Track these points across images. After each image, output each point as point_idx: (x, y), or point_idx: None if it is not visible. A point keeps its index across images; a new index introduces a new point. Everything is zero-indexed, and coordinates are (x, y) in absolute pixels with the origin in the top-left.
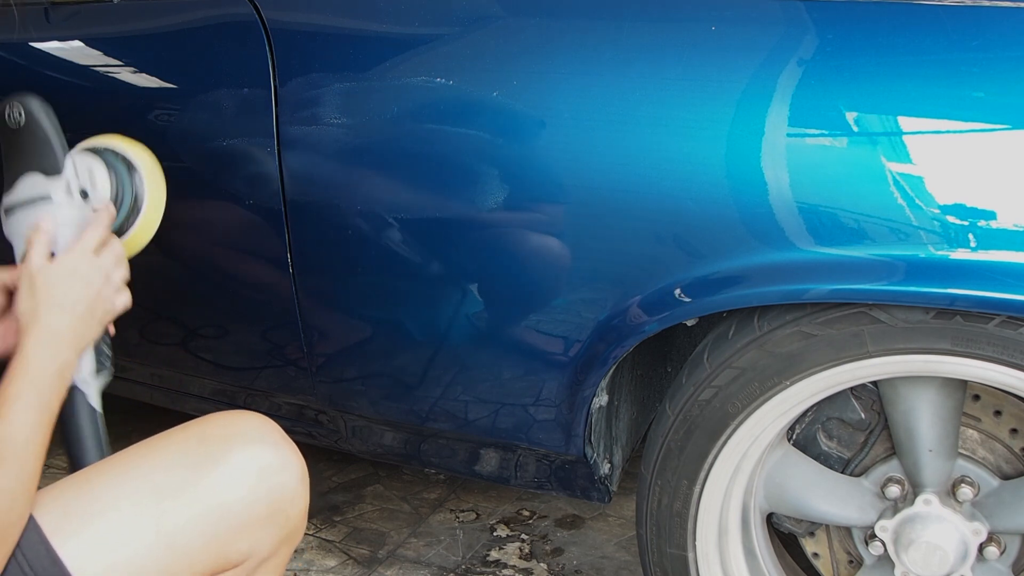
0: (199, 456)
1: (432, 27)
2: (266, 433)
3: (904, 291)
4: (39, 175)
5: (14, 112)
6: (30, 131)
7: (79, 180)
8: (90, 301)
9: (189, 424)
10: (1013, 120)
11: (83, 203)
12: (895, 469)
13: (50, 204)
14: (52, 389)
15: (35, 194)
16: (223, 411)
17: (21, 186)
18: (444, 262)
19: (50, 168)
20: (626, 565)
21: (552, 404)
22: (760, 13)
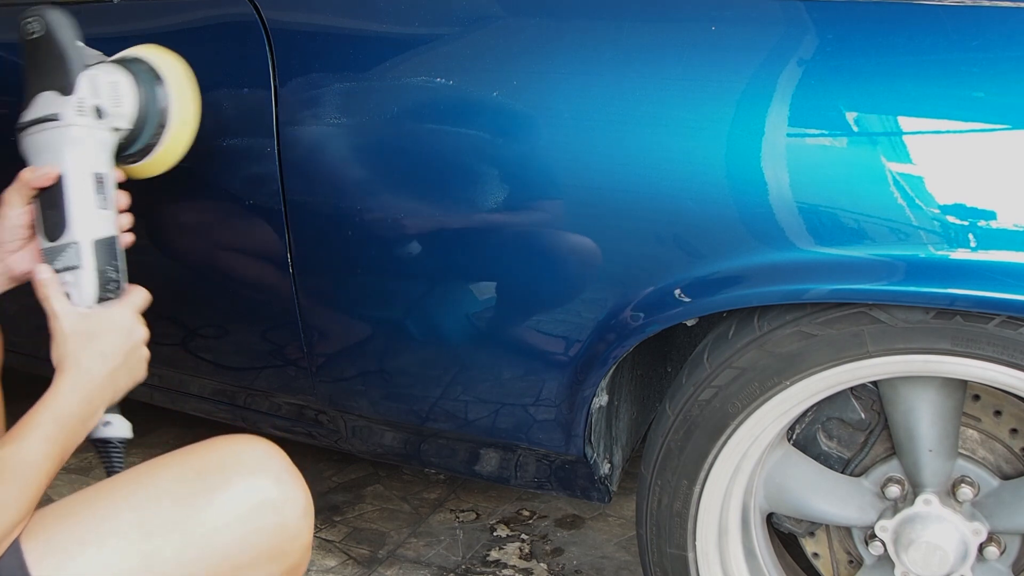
0: (194, 489)
1: (432, 27)
2: (268, 464)
3: (904, 291)
4: (54, 93)
5: (32, 23)
6: (47, 44)
7: (97, 97)
8: (126, 354)
9: (187, 450)
10: (1013, 120)
11: (96, 123)
12: (895, 469)
13: (59, 125)
14: (72, 431)
15: (45, 112)
16: (225, 436)
17: (35, 105)
18: (444, 262)
19: (64, 87)
20: (626, 565)
21: (552, 404)
22: (760, 13)
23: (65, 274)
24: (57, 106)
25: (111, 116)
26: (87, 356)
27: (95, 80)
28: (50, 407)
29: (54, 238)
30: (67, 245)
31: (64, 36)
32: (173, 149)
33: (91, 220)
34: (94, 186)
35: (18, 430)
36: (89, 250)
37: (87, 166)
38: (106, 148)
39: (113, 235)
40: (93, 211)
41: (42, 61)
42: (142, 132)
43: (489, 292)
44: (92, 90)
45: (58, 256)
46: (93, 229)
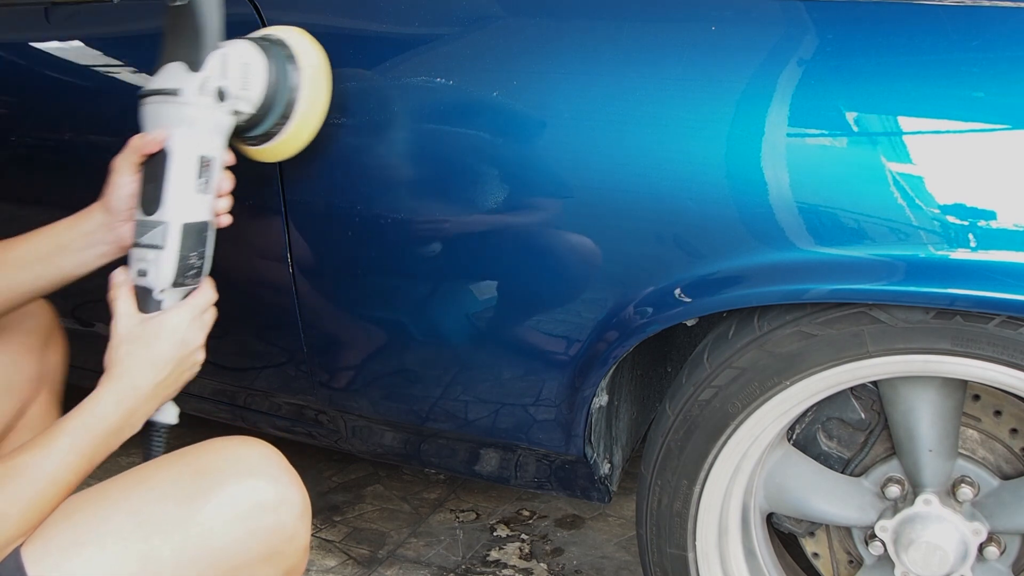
0: (192, 490)
1: (432, 27)
2: (265, 465)
3: (904, 291)
4: (182, 66)
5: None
6: (187, 14)
7: (224, 79)
8: (178, 362)
9: (185, 451)
10: (1013, 120)
11: (215, 104)
12: (895, 469)
13: (177, 100)
14: (104, 443)
15: (167, 85)
16: (223, 438)
17: (161, 74)
18: (444, 262)
19: (193, 61)
20: (626, 565)
21: (552, 404)
22: (760, 13)
23: (147, 251)
24: (181, 80)
25: (234, 98)
26: (136, 365)
27: (226, 59)
28: (84, 415)
29: (148, 212)
30: (157, 223)
31: (206, 9)
32: (293, 141)
33: (186, 202)
34: (197, 168)
35: (46, 436)
36: (176, 233)
37: (195, 147)
38: (220, 131)
39: (206, 221)
40: (190, 194)
41: (179, 30)
42: (265, 118)
43: (489, 292)
44: (221, 70)
45: (146, 231)
46: (186, 212)
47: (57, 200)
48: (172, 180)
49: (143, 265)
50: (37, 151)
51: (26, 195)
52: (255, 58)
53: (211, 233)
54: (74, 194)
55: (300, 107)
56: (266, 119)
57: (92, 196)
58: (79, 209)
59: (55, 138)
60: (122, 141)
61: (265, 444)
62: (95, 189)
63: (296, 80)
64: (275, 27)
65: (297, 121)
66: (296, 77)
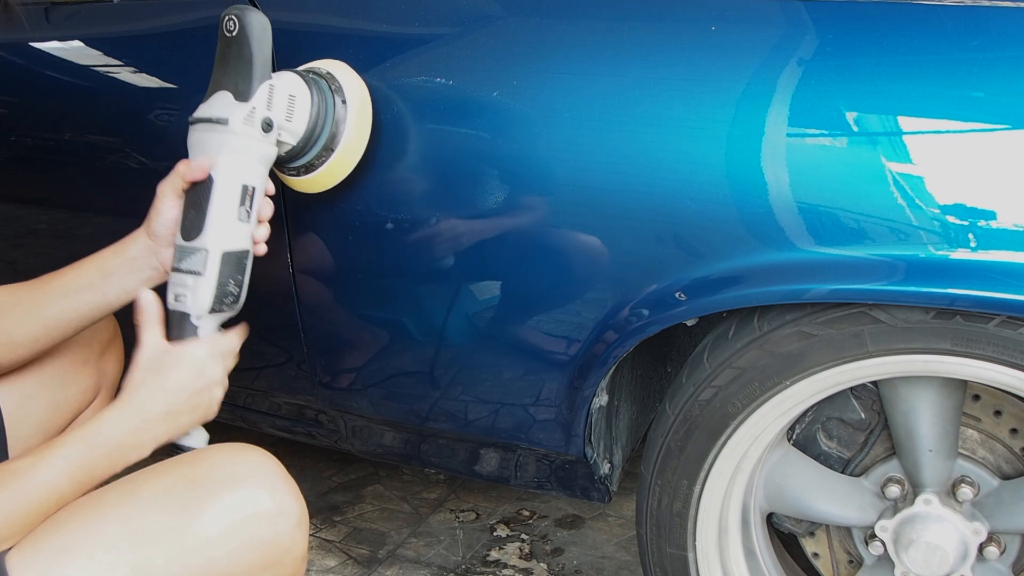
0: (185, 499)
1: (432, 27)
2: (262, 475)
3: (904, 291)
4: (230, 95)
5: (230, 22)
6: (238, 45)
7: (269, 110)
8: (192, 392)
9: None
10: (1013, 120)
11: (260, 135)
12: (895, 469)
13: (223, 129)
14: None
15: (214, 114)
16: (219, 445)
17: (211, 102)
18: (444, 262)
19: (241, 92)
20: (626, 565)
21: (552, 404)
22: (760, 13)
23: (187, 277)
24: (228, 110)
25: (279, 130)
26: (146, 390)
27: (273, 91)
28: (85, 431)
29: (188, 238)
30: (197, 249)
31: (255, 42)
32: (332, 174)
33: (227, 231)
34: (239, 197)
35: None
36: (216, 261)
37: (238, 176)
38: (264, 161)
39: (245, 249)
40: (231, 222)
41: (229, 59)
42: (307, 151)
43: (489, 292)
44: (267, 102)
45: (186, 257)
46: (226, 240)
47: (57, 200)
48: (214, 208)
49: (181, 290)
50: (37, 151)
51: (26, 195)
52: (301, 91)
53: (249, 261)
54: (74, 194)
55: (342, 142)
56: (308, 151)
57: (92, 196)
58: (78, 209)
59: (55, 138)
60: (122, 141)
61: (262, 452)
62: (95, 189)
63: (340, 115)
64: (321, 60)
65: (338, 156)
66: (340, 112)
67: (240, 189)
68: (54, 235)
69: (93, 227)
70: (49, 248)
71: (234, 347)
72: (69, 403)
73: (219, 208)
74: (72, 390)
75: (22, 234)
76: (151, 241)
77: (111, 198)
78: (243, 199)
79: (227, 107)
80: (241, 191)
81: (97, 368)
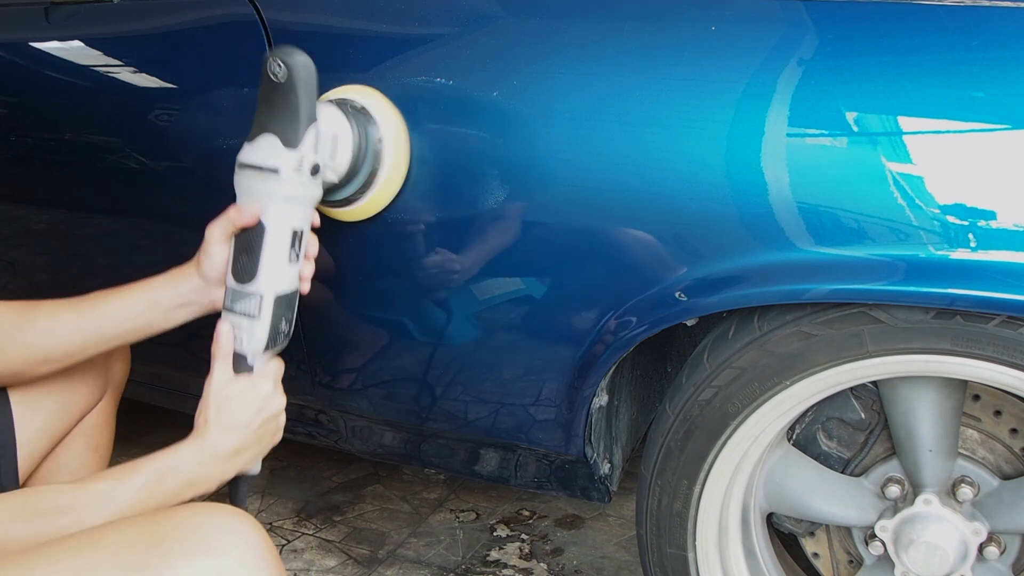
0: (143, 558)
1: (432, 27)
2: (234, 543)
3: (904, 291)
4: (278, 141)
5: (276, 66)
6: (284, 91)
7: (316, 154)
8: (256, 428)
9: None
10: (1013, 120)
11: (310, 180)
12: (895, 469)
13: (274, 178)
14: (175, 492)
15: (266, 163)
16: (195, 504)
17: (259, 146)
18: (444, 262)
19: (289, 139)
20: (626, 565)
21: (552, 404)
22: (760, 13)
23: (242, 319)
24: (279, 159)
25: (325, 170)
26: (220, 428)
27: (319, 135)
28: (162, 462)
29: (241, 282)
30: (251, 294)
31: (302, 88)
32: (373, 206)
33: (279, 275)
34: (290, 242)
35: (119, 470)
36: (270, 304)
37: (289, 223)
38: (312, 204)
39: (295, 289)
40: (284, 266)
41: (276, 104)
42: (347, 185)
43: (488, 292)
44: (314, 146)
45: (240, 300)
46: (279, 284)
47: (57, 200)
48: (267, 254)
49: (237, 332)
50: (37, 151)
51: (26, 195)
52: (344, 129)
53: (296, 300)
54: (74, 194)
55: (381, 175)
56: (349, 185)
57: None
58: (78, 209)
59: (55, 138)
60: (122, 141)
61: (242, 516)
62: (94, 189)
63: (379, 149)
64: (353, 90)
65: (379, 188)
66: (379, 146)
67: (291, 234)
68: (54, 235)
69: (93, 227)
70: (49, 248)
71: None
72: (77, 404)
73: (271, 254)
74: (79, 392)
75: (22, 234)
76: (202, 281)
77: (111, 198)
78: (293, 243)
79: (276, 155)
80: (291, 236)
81: (104, 370)
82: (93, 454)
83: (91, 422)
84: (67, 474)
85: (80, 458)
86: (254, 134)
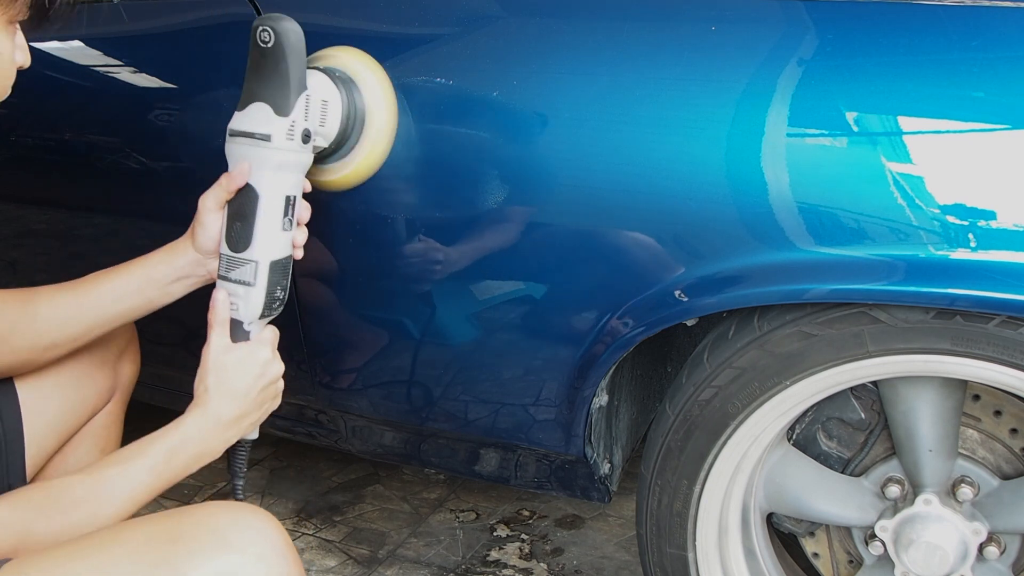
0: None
1: (432, 27)
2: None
3: (904, 291)
4: (268, 108)
5: (264, 32)
6: (273, 58)
7: (307, 120)
8: (255, 394)
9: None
10: (1013, 120)
11: (302, 147)
12: (895, 469)
13: (266, 145)
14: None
15: (257, 131)
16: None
17: (249, 114)
18: (444, 262)
19: (280, 106)
20: (626, 565)
21: (552, 404)
22: (760, 13)
23: (237, 287)
24: (270, 126)
25: (316, 136)
26: (221, 396)
27: (309, 101)
28: (169, 439)
29: (236, 250)
30: (246, 261)
31: (291, 54)
32: (360, 172)
33: (274, 242)
34: (283, 208)
35: (128, 453)
36: (265, 271)
37: (282, 189)
38: (303, 170)
39: (289, 255)
40: (277, 233)
41: (265, 71)
42: (337, 151)
43: (488, 292)
44: (304, 112)
45: (235, 268)
46: (273, 251)
47: (57, 200)
48: (261, 221)
49: (233, 300)
50: (37, 151)
51: (26, 195)
52: (332, 95)
53: (290, 267)
54: (74, 194)
55: (369, 136)
56: (337, 152)
57: (91, 196)
58: (78, 209)
59: (55, 138)
60: (122, 141)
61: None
62: (95, 189)
63: (365, 111)
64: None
65: (365, 151)
66: (365, 108)
67: (284, 200)
68: (54, 235)
69: (93, 227)
70: (49, 248)
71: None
72: (85, 404)
73: (265, 221)
74: (88, 391)
75: (22, 234)
76: (198, 253)
77: (111, 198)
78: (286, 210)
79: (267, 122)
80: (285, 202)
81: (114, 370)
82: (100, 455)
83: (100, 423)
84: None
85: (88, 459)
86: (244, 102)
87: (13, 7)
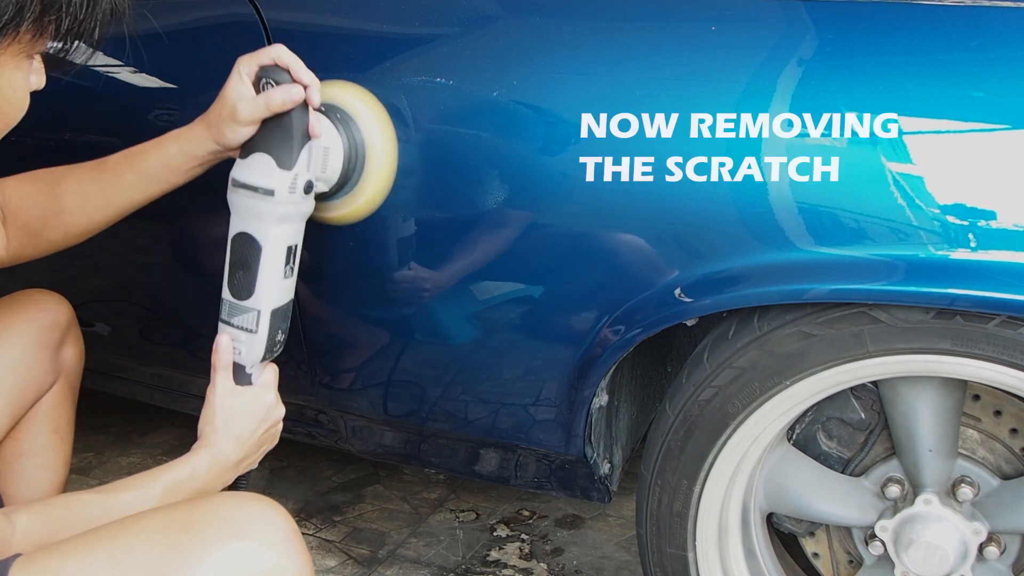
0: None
1: (432, 27)
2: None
3: (904, 291)
4: (272, 161)
5: (267, 86)
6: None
7: (309, 171)
8: (258, 437)
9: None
10: (1013, 120)
11: (303, 198)
12: (895, 469)
13: (271, 200)
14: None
15: (260, 184)
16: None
17: (252, 165)
18: (444, 262)
19: (283, 159)
20: (626, 565)
21: (552, 404)
22: (760, 13)
23: (240, 332)
24: (273, 180)
25: (318, 183)
26: (228, 440)
27: (312, 152)
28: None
29: (239, 298)
30: (249, 309)
31: (297, 112)
32: (363, 209)
33: (275, 291)
34: (285, 258)
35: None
36: (267, 319)
37: (285, 240)
38: (305, 217)
39: (290, 300)
40: (279, 281)
41: (270, 124)
42: (339, 191)
43: (489, 292)
44: (307, 164)
45: (238, 315)
46: (275, 299)
47: None
48: (264, 272)
49: (236, 344)
50: (37, 151)
51: None
52: (334, 141)
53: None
54: None
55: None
56: (336, 194)
57: None
58: None
59: (55, 138)
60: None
61: (270, 504)
62: None
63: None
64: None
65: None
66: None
67: (286, 250)
68: None
69: None
70: None
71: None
72: (33, 384)
73: (267, 271)
74: (35, 372)
75: None
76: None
77: None
78: (288, 259)
79: (271, 176)
80: (287, 252)
81: (56, 354)
82: (53, 435)
83: (48, 403)
84: (31, 453)
85: (42, 439)
86: (247, 151)
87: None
